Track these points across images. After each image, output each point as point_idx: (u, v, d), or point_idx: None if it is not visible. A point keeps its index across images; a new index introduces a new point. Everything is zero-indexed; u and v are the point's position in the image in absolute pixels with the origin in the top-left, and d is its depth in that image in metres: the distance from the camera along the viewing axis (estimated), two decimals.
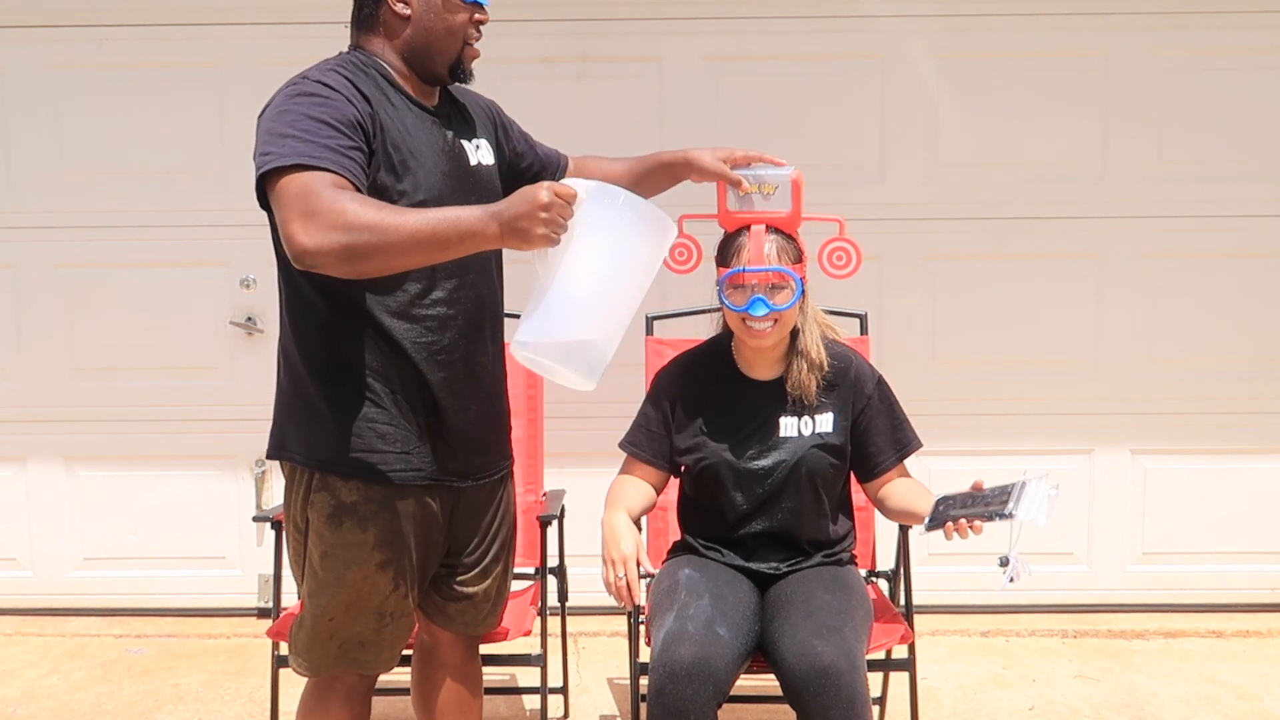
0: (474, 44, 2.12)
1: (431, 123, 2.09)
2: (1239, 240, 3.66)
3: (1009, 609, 3.75)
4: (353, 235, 1.77)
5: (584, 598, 2.86)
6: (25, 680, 3.34)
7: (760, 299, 2.31)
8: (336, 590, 2.07)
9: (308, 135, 1.86)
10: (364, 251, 1.78)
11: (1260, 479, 3.75)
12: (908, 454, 2.49)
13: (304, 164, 1.83)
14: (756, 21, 3.61)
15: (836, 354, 2.47)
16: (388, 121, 1.99)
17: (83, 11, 3.62)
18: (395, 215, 1.80)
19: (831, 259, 2.50)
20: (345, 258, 1.79)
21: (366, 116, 1.94)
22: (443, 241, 1.82)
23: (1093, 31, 3.60)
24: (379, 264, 1.82)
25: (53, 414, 3.77)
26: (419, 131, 2.05)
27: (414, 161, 2.01)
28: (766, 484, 2.41)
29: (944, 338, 3.71)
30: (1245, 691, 3.24)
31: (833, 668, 2.11)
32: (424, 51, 2.08)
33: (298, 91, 1.94)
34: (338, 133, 1.88)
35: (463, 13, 2.08)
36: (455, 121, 2.17)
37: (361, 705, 2.20)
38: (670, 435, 2.49)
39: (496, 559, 2.30)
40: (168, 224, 3.68)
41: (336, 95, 1.92)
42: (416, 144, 2.03)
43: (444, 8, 2.07)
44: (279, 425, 2.11)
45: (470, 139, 2.18)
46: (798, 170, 2.39)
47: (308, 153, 1.84)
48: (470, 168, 2.14)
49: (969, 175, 3.66)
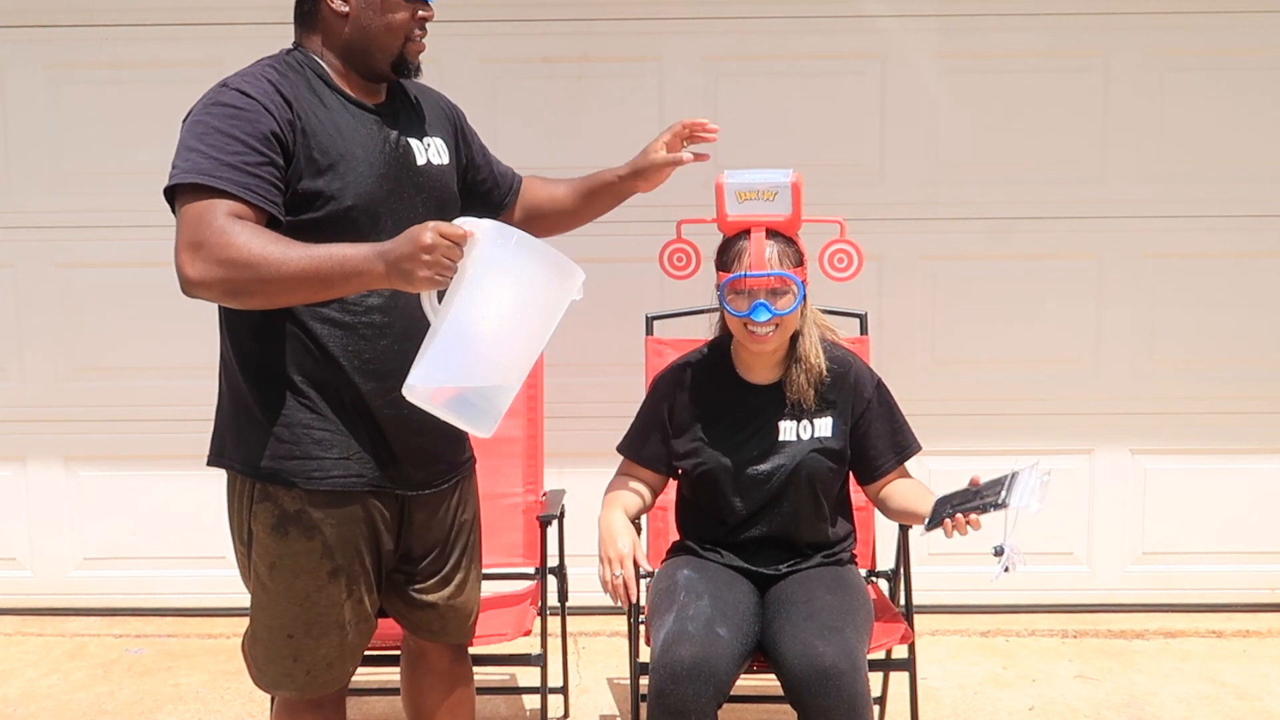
0: (418, 40, 2.06)
1: (373, 121, 2.03)
2: (1239, 240, 3.66)
3: (1009, 609, 3.75)
4: (235, 271, 1.78)
5: (584, 598, 2.86)
6: (25, 680, 3.34)
7: (763, 304, 2.30)
8: (288, 603, 2.02)
9: (214, 151, 1.84)
10: (246, 287, 1.79)
11: (1260, 479, 3.75)
12: (907, 457, 2.50)
13: (203, 184, 1.82)
14: (756, 21, 3.61)
15: (835, 357, 2.47)
16: (315, 125, 1.94)
17: (83, 11, 3.62)
18: (281, 251, 1.78)
19: (833, 261, 2.50)
20: (228, 292, 1.81)
21: (286, 125, 1.90)
22: (328, 280, 1.80)
23: (1093, 31, 3.60)
24: (262, 300, 1.84)
25: (53, 414, 3.76)
26: (354, 132, 1.99)
27: (344, 164, 1.95)
28: (765, 489, 2.41)
29: (944, 338, 3.71)
30: (1245, 691, 3.24)
31: (834, 668, 2.11)
32: (363, 50, 2.03)
33: (214, 101, 1.91)
34: (247, 149, 1.85)
35: (403, 10, 2.02)
36: (404, 119, 2.10)
37: (335, 711, 2.16)
38: (668, 439, 2.49)
39: (457, 566, 2.21)
40: (168, 224, 3.62)
41: (253, 105, 1.88)
42: (349, 145, 1.97)
43: (383, 6, 2.01)
44: (218, 433, 2.08)
45: (420, 138, 2.11)
46: (797, 173, 2.39)
47: (210, 171, 1.82)
48: (416, 167, 2.07)
49: (969, 175, 3.66)
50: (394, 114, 2.09)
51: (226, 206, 1.82)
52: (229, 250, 1.78)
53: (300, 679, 2.06)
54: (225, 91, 1.92)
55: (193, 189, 1.84)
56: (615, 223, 3.56)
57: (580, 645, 3.51)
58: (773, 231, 2.36)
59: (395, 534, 2.10)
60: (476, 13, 3.60)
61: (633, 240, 3.46)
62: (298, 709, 2.12)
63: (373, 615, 2.11)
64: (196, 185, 1.83)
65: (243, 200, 1.83)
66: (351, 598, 2.03)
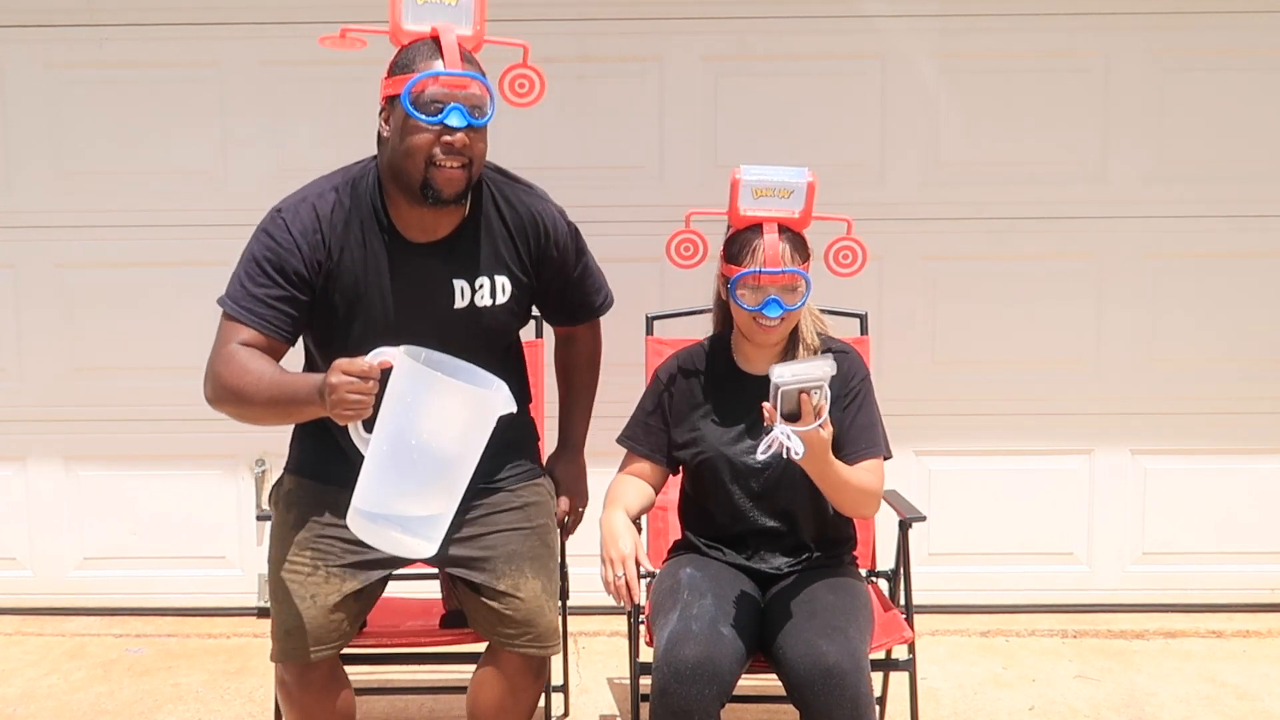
0: (444, 166, 2.03)
1: (414, 261, 2.14)
2: (1239, 240, 3.67)
3: (1009, 609, 3.75)
4: (226, 395, 2.07)
5: (584, 597, 2.85)
6: (25, 680, 3.34)
7: (775, 300, 2.33)
8: (272, 571, 2.23)
9: (246, 279, 2.11)
10: (237, 411, 2.09)
11: (1260, 479, 3.76)
12: (866, 458, 2.40)
13: (230, 312, 2.10)
14: (756, 21, 3.61)
15: (832, 348, 2.48)
16: (343, 268, 2.12)
17: (83, 11, 3.62)
18: (254, 383, 2.03)
19: (838, 257, 2.52)
20: (222, 408, 2.10)
21: (313, 265, 2.10)
22: (286, 408, 2.05)
23: (1093, 31, 3.61)
24: (253, 420, 2.11)
25: (52, 414, 3.76)
26: (379, 275, 2.13)
27: (359, 307, 2.13)
28: (764, 478, 2.41)
29: (944, 338, 3.71)
30: (1245, 691, 3.24)
31: (838, 668, 2.11)
32: (396, 175, 2.08)
33: (264, 226, 2.13)
34: (271, 283, 2.09)
35: (423, 133, 2.02)
36: (457, 258, 2.15)
37: (321, 691, 2.21)
38: (669, 430, 2.49)
39: (517, 569, 2.23)
40: (168, 224, 3.68)
41: (288, 243, 2.09)
42: (370, 289, 2.13)
43: (404, 128, 2.03)
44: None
45: (471, 278, 2.16)
46: (812, 172, 2.40)
47: (238, 299, 2.10)
48: (451, 309, 2.16)
49: (969, 175, 3.66)
50: (447, 252, 2.15)
51: (241, 334, 2.09)
52: (220, 379, 2.07)
53: (279, 644, 2.20)
54: (275, 219, 2.13)
55: (227, 312, 2.12)
56: (615, 222, 3.60)
57: (580, 645, 3.51)
58: (783, 227, 2.37)
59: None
60: None
61: (633, 240, 3.47)
62: (280, 684, 2.24)
63: (339, 602, 2.17)
64: (227, 312, 2.12)
65: (254, 328, 2.09)
66: (316, 574, 2.17)
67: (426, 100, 2.00)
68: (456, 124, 2.00)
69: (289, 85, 3.64)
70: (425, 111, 2.00)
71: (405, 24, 2.07)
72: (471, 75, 2.03)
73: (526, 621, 2.21)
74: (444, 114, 1.99)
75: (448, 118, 1.99)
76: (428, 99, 2.00)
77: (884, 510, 2.67)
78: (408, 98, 2.00)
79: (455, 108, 1.99)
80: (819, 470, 2.22)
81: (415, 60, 2.03)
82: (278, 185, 3.66)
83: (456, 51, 2.03)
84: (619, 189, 3.64)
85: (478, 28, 2.11)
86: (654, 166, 3.67)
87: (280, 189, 2.16)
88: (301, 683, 2.20)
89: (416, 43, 2.06)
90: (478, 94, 2.03)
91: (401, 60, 2.06)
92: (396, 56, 2.08)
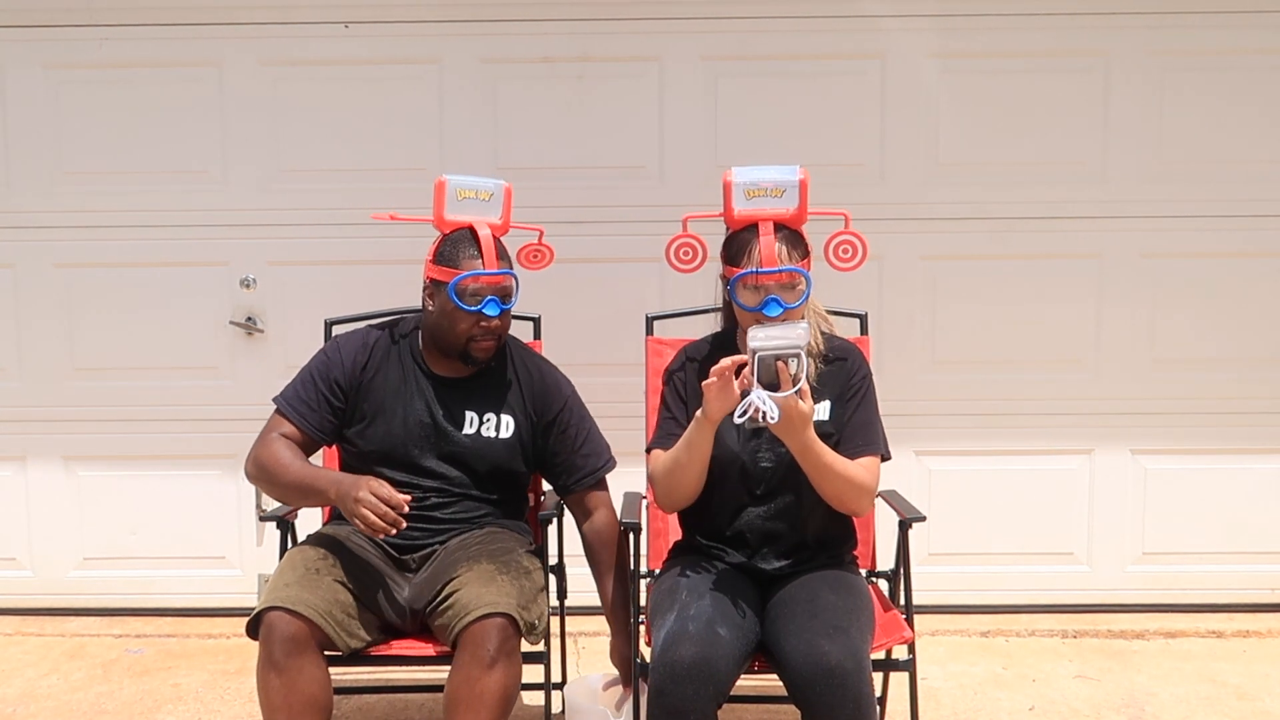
0: (480, 341, 2.50)
1: (440, 388, 2.57)
2: (1239, 240, 3.67)
3: (1009, 609, 3.75)
4: (259, 472, 2.51)
5: (584, 597, 2.86)
6: (25, 680, 3.34)
7: (774, 299, 2.32)
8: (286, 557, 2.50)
9: (298, 383, 2.59)
10: (263, 486, 2.54)
11: (1260, 479, 3.76)
12: (863, 454, 2.40)
13: (279, 408, 2.57)
14: (756, 21, 3.61)
15: (835, 346, 2.48)
16: (375, 385, 2.57)
17: (83, 11, 3.62)
18: (284, 468, 2.47)
19: (838, 252, 2.51)
20: (255, 483, 2.56)
21: (351, 378, 2.57)
22: (305, 494, 2.46)
23: (1093, 31, 3.61)
24: (280, 498, 2.56)
25: (52, 414, 3.77)
26: (403, 396, 2.56)
27: (382, 417, 2.56)
28: (768, 475, 2.41)
29: (944, 338, 3.72)
30: (1245, 691, 3.24)
31: (840, 668, 2.11)
32: (436, 340, 2.56)
33: (327, 346, 2.65)
34: (314, 389, 2.56)
35: (465, 320, 2.48)
36: (475, 394, 2.59)
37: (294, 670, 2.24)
38: (683, 426, 2.47)
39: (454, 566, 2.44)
40: (168, 224, 3.68)
41: (336, 357, 2.59)
42: (393, 404, 2.56)
43: (448, 312, 2.49)
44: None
45: (481, 412, 2.58)
46: (804, 169, 2.40)
47: (288, 398, 2.58)
48: (452, 436, 2.56)
49: (969, 175, 3.66)
50: (467, 387, 2.59)
51: (284, 426, 2.55)
52: (257, 460, 2.51)
53: (263, 602, 2.32)
54: (333, 342, 2.65)
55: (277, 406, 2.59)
56: (616, 223, 3.60)
57: (580, 645, 3.51)
58: (779, 226, 2.36)
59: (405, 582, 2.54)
60: (476, 13, 3.61)
61: (633, 240, 3.47)
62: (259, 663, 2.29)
63: (341, 584, 2.38)
64: (278, 406, 2.59)
65: (294, 424, 2.54)
66: (326, 560, 2.43)
67: (469, 294, 2.47)
68: (493, 313, 2.48)
69: (289, 85, 3.64)
70: (467, 303, 2.46)
71: (447, 215, 2.54)
72: (504, 272, 2.49)
73: (462, 604, 2.31)
74: (483, 305, 2.46)
75: (485, 308, 2.46)
76: (470, 293, 2.46)
77: (884, 510, 2.67)
78: (454, 291, 2.46)
79: (491, 300, 2.47)
80: (799, 444, 2.24)
81: (459, 257, 2.48)
82: (277, 185, 3.71)
83: (494, 251, 2.47)
84: (619, 189, 3.64)
85: (505, 218, 2.58)
86: (654, 167, 3.67)
87: (280, 189, 2.17)
88: (285, 648, 2.23)
89: (458, 235, 2.51)
90: (508, 286, 2.51)
91: (447, 252, 2.50)
92: (440, 244, 2.53)
